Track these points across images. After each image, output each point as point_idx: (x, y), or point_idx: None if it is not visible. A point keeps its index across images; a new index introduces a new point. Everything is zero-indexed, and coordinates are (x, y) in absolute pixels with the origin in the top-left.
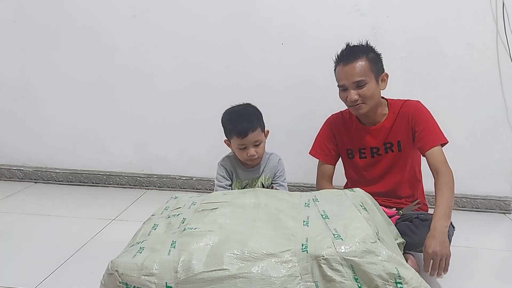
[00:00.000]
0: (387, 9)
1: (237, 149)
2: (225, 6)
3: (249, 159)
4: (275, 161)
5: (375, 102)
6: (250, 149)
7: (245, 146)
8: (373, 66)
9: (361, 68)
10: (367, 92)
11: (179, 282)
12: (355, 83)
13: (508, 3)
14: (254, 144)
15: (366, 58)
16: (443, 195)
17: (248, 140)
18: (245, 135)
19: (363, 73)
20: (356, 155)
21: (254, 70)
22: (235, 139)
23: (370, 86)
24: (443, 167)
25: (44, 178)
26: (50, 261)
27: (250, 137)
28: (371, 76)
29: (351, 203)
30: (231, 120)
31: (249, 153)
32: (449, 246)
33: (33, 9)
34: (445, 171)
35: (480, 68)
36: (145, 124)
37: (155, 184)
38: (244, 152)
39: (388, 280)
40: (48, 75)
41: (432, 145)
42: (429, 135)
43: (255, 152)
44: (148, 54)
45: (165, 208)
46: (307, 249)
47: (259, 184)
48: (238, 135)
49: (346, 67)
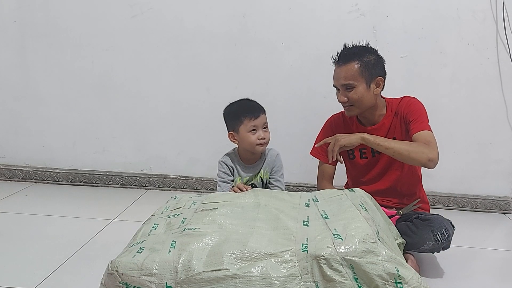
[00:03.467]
0: (387, 9)
1: (246, 134)
2: (225, 6)
3: (259, 143)
4: (273, 156)
5: (366, 106)
6: (260, 132)
7: (256, 129)
8: (365, 70)
9: (351, 72)
10: (354, 96)
11: (179, 282)
12: (343, 86)
13: (508, 3)
14: (263, 127)
15: (359, 61)
16: (400, 142)
17: (259, 121)
18: (258, 115)
19: (352, 77)
20: (357, 155)
21: (254, 70)
22: (247, 121)
23: (358, 90)
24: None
25: (44, 178)
26: (50, 261)
27: (261, 118)
28: (361, 81)
29: (351, 203)
30: (240, 105)
31: (260, 136)
32: (346, 141)
33: (33, 9)
34: (421, 144)
35: (480, 68)
36: (145, 124)
37: (155, 184)
38: (255, 135)
39: (388, 280)
40: (48, 75)
41: (419, 129)
42: (417, 122)
43: (265, 136)
44: (148, 54)
45: (165, 208)
46: (307, 249)
47: (259, 179)
48: (250, 116)
49: (338, 69)
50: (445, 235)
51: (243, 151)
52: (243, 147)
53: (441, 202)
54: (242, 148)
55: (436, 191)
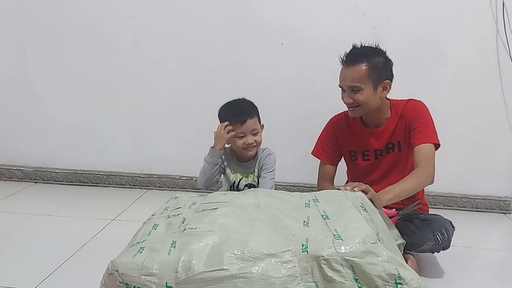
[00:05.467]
0: (387, 9)
1: (234, 139)
2: (225, 6)
3: (247, 147)
4: (264, 154)
5: (371, 108)
6: (248, 137)
7: (244, 135)
8: (372, 73)
9: (358, 74)
10: (360, 98)
11: (179, 282)
12: (350, 88)
13: (508, 3)
14: (252, 132)
15: (367, 63)
16: (406, 179)
17: (247, 128)
18: (244, 121)
19: (359, 80)
20: (359, 157)
21: (254, 70)
22: (234, 127)
23: (364, 92)
24: (424, 162)
25: (44, 178)
26: (50, 261)
27: (248, 124)
28: (368, 83)
29: (351, 204)
30: (229, 109)
31: (247, 141)
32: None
33: (33, 9)
34: (424, 165)
35: (480, 68)
36: (145, 124)
37: (155, 184)
38: (241, 141)
39: (388, 280)
40: (48, 75)
41: (422, 141)
42: (420, 133)
43: (254, 141)
44: (148, 54)
45: (165, 208)
46: (307, 249)
47: (254, 178)
48: (237, 122)
49: (346, 69)
50: (445, 235)
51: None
52: (234, 148)
53: (441, 202)
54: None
55: (436, 191)
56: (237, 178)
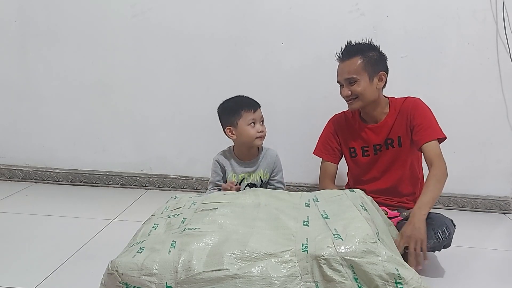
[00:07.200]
0: (387, 9)
1: (246, 128)
2: (225, 6)
3: (258, 136)
4: (273, 156)
5: (369, 99)
6: (258, 125)
7: (254, 122)
8: (368, 65)
9: (354, 67)
10: (357, 89)
11: (179, 282)
12: (347, 80)
13: (508, 3)
14: (260, 120)
15: (361, 57)
16: (429, 186)
17: (258, 115)
18: (256, 108)
19: (355, 71)
20: (359, 153)
21: (254, 69)
22: (246, 115)
23: (361, 83)
24: (437, 159)
25: (44, 178)
26: (50, 261)
27: (259, 112)
28: (364, 74)
29: (351, 203)
30: (237, 100)
31: (259, 129)
32: (424, 232)
33: (33, 9)
34: (438, 164)
35: (480, 68)
36: (145, 124)
37: (155, 184)
38: (254, 128)
39: (388, 280)
40: (48, 75)
41: (428, 139)
42: (426, 130)
43: (263, 129)
44: (148, 53)
45: (165, 208)
46: (307, 249)
47: (258, 178)
48: (249, 109)
49: (342, 64)
50: (446, 233)
51: (239, 148)
52: (241, 141)
53: (441, 202)
54: (239, 143)
55: None
56: (238, 180)
